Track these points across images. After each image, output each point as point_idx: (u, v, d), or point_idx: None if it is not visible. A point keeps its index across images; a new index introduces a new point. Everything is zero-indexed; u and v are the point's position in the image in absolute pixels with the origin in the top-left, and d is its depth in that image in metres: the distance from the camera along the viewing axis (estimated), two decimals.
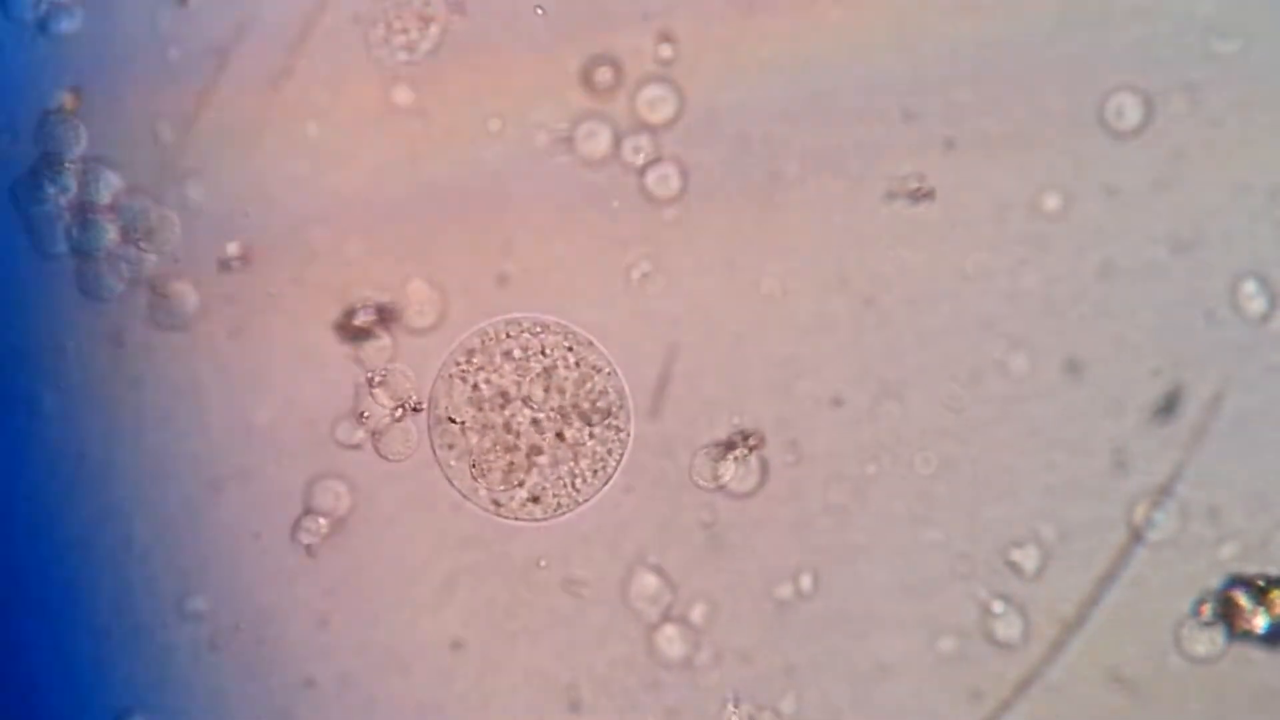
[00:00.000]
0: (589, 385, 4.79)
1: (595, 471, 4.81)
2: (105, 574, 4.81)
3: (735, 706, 4.78)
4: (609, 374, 4.79)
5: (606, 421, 4.79)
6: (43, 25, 4.77)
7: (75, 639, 4.79)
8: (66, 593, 4.80)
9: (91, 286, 4.79)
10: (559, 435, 4.79)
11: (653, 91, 4.76)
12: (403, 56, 4.77)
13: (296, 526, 4.82)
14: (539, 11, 4.76)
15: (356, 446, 4.82)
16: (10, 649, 4.83)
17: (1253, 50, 4.71)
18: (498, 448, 4.80)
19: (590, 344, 4.80)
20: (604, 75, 4.76)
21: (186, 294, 4.81)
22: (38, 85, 4.79)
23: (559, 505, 4.81)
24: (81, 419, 4.82)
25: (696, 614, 4.81)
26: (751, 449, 4.76)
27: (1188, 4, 4.71)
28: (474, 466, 4.81)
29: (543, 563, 4.82)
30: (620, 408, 4.80)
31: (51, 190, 4.76)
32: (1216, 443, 4.71)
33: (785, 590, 4.79)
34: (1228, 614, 4.68)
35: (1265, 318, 4.70)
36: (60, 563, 4.79)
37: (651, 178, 4.77)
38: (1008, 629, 4.77)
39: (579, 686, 4.83)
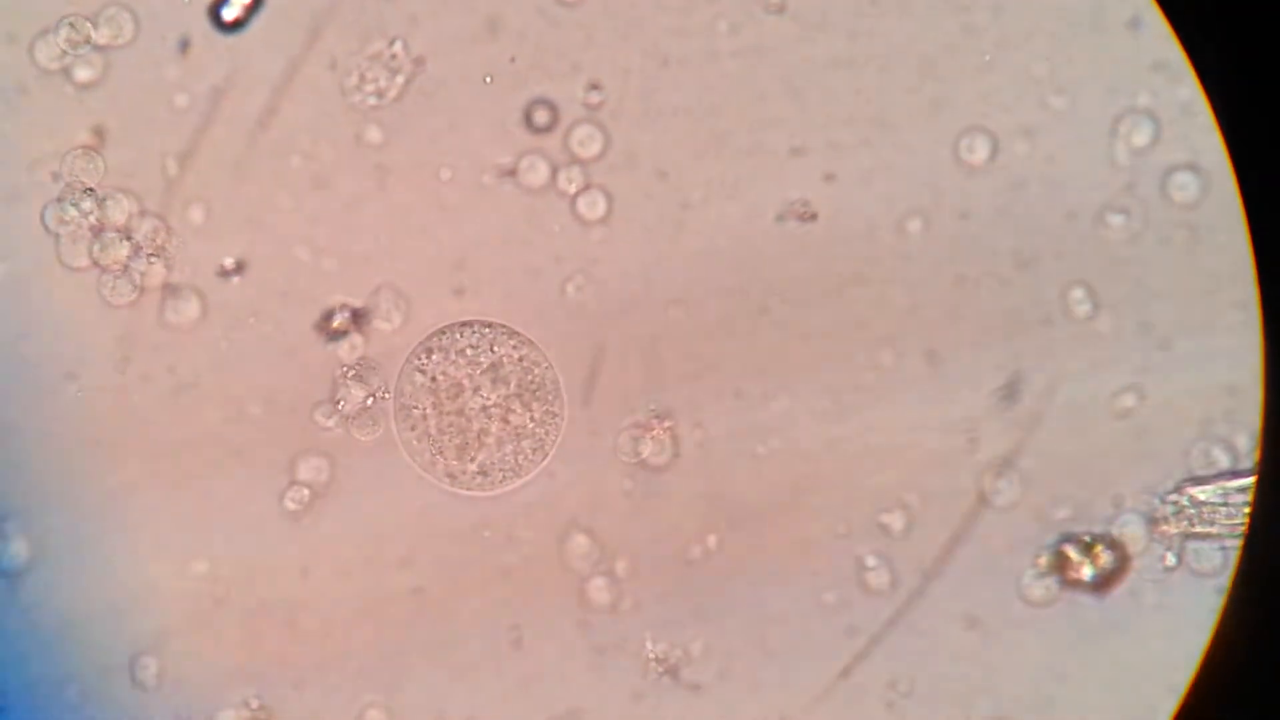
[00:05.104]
0: (530, 377, 4.94)
1: (535, 449, 4.94)
2: (121, 539, 4.87)
3: (652, 644, 4.94)
4: (547, 368, 4.94)
5: (545, 408, 4.94)
6: (67, 74, 4.83)
7: (95, 591, 4.86)
8: (87, 555, 4.86)
9: (109, 295, 4.87)
10: (504, 419, 4.92)
11: (583, 131, 4.90)
12: (373, 101, 4.86)
13: (284, 495, 4.93)
14: (487, 80, 4.85)
15: (333, 429, 4.92)
16: (40, 599, 4.86)
17: (1077, 104, 4.87)
18: (452, 430, 4.92)
19: (531, 343, 4.95)
20: (542, 117, 4.90)
21: (190, 301, 4.89)
22: (64, 125, 4.82)
23: (504, 478, 4.93)
24: (99, 407, 4.88)
25: (620, 568, 4.96)
26: (666, 430, 4.93)
27: (1026, 64, 4.86)
28: (432, 445, 4.93)
29: (487, 533, 4.92)
30: (556, 396, 4.94)
31: (75, 213, 4.80)
32: (1051, 423, 4.89)
33: (695, 549, 4.95)
34: (1060, 565, 4.88)
35: (1090, 319, 4.90)
36: (81, 529, 4.84)
37: (582, 204, 4.92)
38: (879, 579, 4.95)
39: (521, 628, 4.96)
